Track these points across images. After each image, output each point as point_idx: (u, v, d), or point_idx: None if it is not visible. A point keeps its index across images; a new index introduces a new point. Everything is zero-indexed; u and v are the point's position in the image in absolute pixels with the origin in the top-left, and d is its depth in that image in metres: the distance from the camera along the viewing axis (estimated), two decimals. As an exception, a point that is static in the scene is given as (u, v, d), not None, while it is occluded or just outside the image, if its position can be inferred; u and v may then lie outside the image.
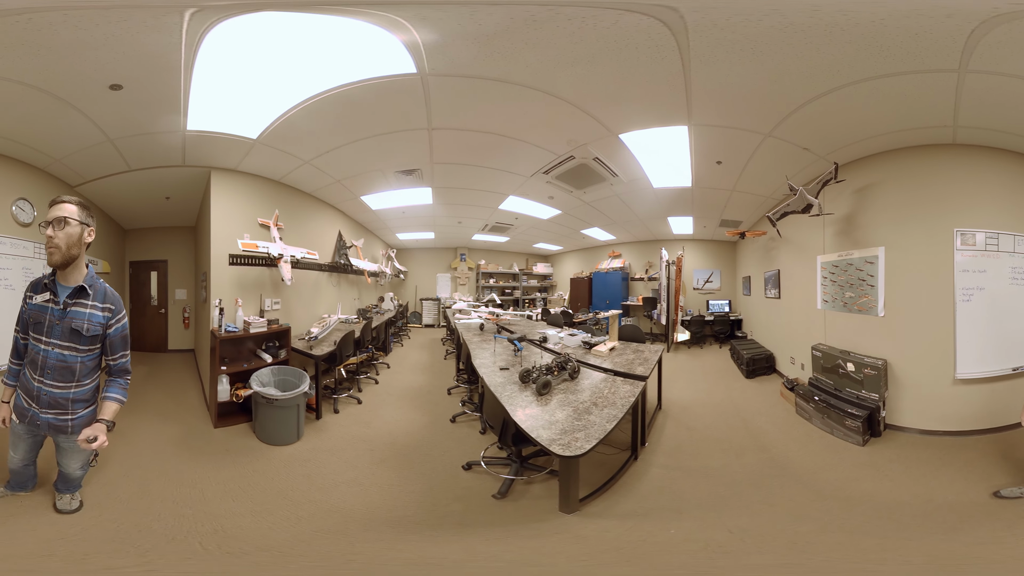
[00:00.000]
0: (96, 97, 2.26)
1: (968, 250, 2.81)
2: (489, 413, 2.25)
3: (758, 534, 1.73)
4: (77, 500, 1.85)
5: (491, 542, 1.72)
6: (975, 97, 2.20)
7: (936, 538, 1.72)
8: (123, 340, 1.67)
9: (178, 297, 5.88)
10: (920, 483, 2.22)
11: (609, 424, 1.84)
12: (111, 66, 1.98)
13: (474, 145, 3.32)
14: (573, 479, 1.86)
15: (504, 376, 2.53)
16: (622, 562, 1.54)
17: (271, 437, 2.74)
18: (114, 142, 2.87)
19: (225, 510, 1.93)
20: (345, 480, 2.30)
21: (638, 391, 2.32)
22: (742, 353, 4.95)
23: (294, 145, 3.24)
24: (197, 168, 3.42)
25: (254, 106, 2.64)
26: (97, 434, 1.54)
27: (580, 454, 1.61)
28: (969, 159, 2.80)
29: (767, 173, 3.55)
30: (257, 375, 3.02)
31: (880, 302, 3.10)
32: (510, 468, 2.22)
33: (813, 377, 3.52)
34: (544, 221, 6.19)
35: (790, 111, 2.51)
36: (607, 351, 3.20)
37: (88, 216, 1.58)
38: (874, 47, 1.83)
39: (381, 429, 3.08)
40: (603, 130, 2.98)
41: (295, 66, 2.23)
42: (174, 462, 2.43)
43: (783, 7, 1.62)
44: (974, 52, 1.79)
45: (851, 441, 2.78)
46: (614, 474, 2.24)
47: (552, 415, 1.95)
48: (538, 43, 1.93)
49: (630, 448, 2.51)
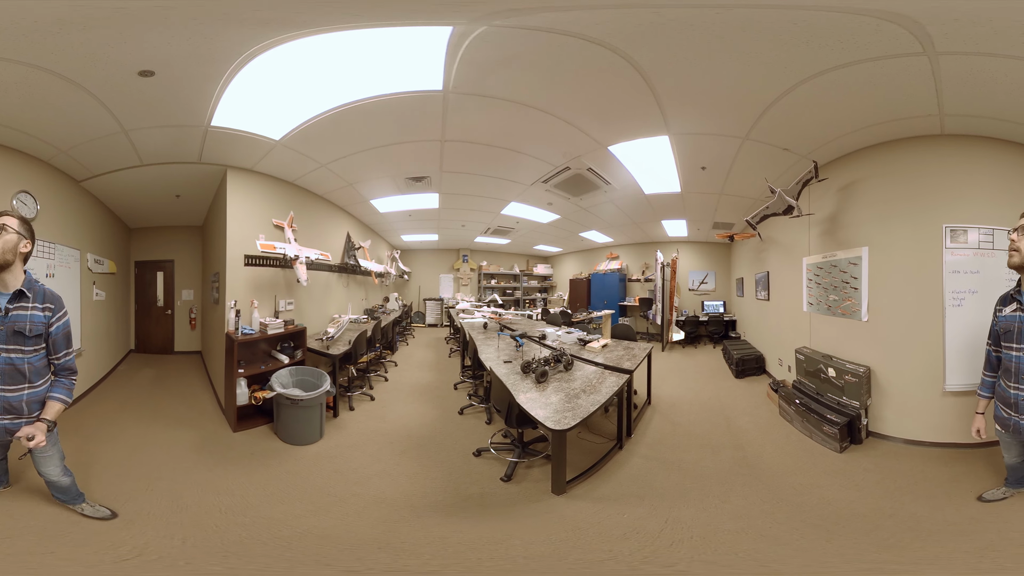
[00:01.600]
0: (121, 83, 2.06)
1: (959, 248, 2.57)
2: (496, 399, 2.49)
3: (687, 527, 1.80)
4: (98, 507, 1.85)
5: (506, 521, 1.92)
6: (958, 82, 2.04)
7: (850, 553, 1.61)
8: (65, 338, 1.69)
9: (185, 298, 5.82)
10: (890, 496, 2.09)
11: (592, 407, 2.10)
12: (149, 51, 1.81)
13: (480, 156, 3.53)
14: (562, 456, 2.09)
15: (508, 368, 2.80)
16: (574, 543, 1.73)
17: (295, 437, 2.77)
18: (128, 133, 2.69)
19: (284, 513, 1.95)
20: (375, 472, 2.40)
21: (622, 382, 2.55)
22: (733, 354, 5.05)
23: (314, 148, 3.29)
24: (212, 166, 3.35)
25: (284, 109, 2.62)
26: (36, 433, 1.54)
27: (567, 428, 1.91)
28: (960, 150, 2.58)
29: (751, 176, 3.64)
30: (277, 376, 3.02)
31: (863, 306, 2.98)
32: (513, 453, 2.46)
33: (797, 380, 3.55)
34: (544, 225, 6.37)
35: (761, 112, 2.53)
36: (600, 347, 3.38)
37: (27, 231, 1.63)
38: (814, 41, 1.81)
39: (396, 423, 3.22)
40: (593, 143, 3.17)
41: (333, 76, 2.28)
42: (200, 470, 2.38)
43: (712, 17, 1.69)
44: (934, 33, 1.69)
45: (828, 447, 2.69)
46: (598, 461, 2.42)
47: (548, 399, 2.24)
48: (536, 65, 2.17)
49: (616, 438, 2.68)
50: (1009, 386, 1.77)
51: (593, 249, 8.87)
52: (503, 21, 1.82)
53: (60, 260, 3.34)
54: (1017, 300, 1.75)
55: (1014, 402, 1.75)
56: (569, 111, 2.71)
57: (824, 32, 1.76)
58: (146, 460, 2.49)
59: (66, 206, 3.47)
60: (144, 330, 5.79)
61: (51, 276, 3.19)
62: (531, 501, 2.08)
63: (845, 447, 2.69)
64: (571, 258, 9.88)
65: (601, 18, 1.80)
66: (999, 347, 1.83)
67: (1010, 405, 1.78)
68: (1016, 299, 1.75)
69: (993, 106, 2.23)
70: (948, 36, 1.72)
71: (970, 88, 2.08)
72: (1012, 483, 2.00)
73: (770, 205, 3.65)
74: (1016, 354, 1.72)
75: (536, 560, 1.63)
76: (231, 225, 3.41)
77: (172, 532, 1.77)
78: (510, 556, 1.66)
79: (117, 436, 2.87)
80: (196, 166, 3.31)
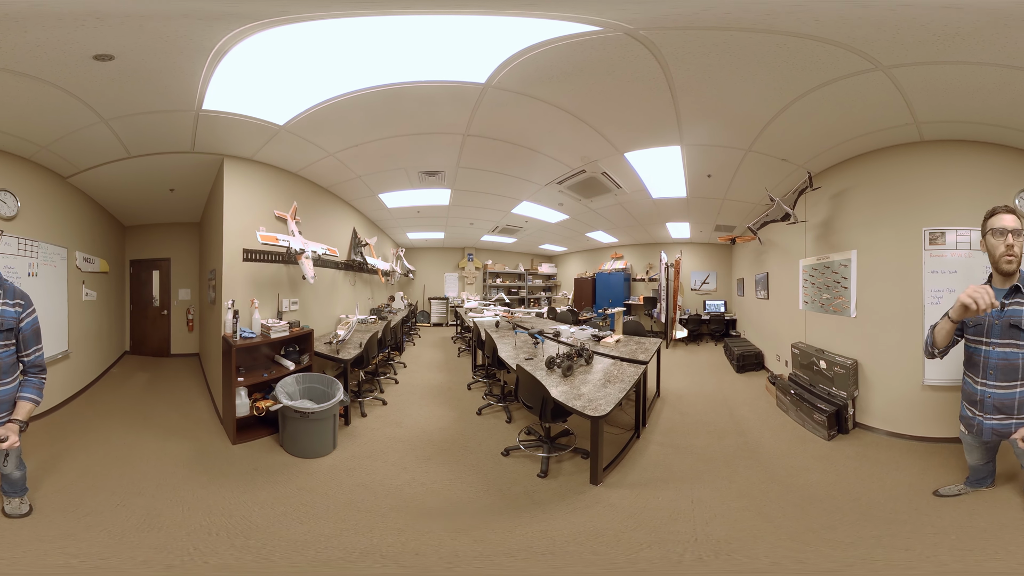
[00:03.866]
0: (79, 71, 1.93)
1: (937, 250, 2.79)
2: (526, 395, 2.57)
3: (708, 505, 2.06)
4: (26, 505, 1.84)
5: (569, 514, 1.99)
6: (920, 91, 2.21)
7: (812, 528, 1.85)
8: (35, 334, 1.72)
9: (182, 298, 5.65)
10: (861, 482, 2.33)
11: (620, 394, 2.34)
12: (97, 36, 1.68)
13: (500, 153, 3.55)
14: (598, 444, 2.25)
15: (531, 365, 2.95)
16: (637, 528, 1.88)
17: (305, 450, 2.60)
18: (109, 123, 2.54)
19: (308, 533, 1.80)
20: (404, 483, 2.31)
21: (640, 372, 2.84)
22: (734, 350, 5.45)
23: (323, 136, 3.08)
24: (208, 155, 3.16)
25: (291, 91, 2.36)
26: (8, 434, 1.56)
27: (604, 414, 2.12)
28: (937, 155, 2.77)
29: (753, 183, 4.01)
30: (282, 385, 2.84)
31: (852, 303, 3.29)
32: (542, 448, 2.60)
33: (792, 373, 3.89)
34: (552, 224, 6.61)
35: (762, 127, 2.84)
36: (613, 342, 3.70)
37: None
38: (796, 64, 2.04)
39: (414, 428, 3.15)
40: (612, 149, 3.40)
41: (358, 59, 2.08)
42: (190, 486, 2.19)
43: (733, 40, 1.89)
44: (874, 49, 1.85)
45: (818, 435, 2.98)
46: (622, 449, 2.70)
47: (578, 390, 2.45)
48: (584, 72, 2.22)
49: (633, 428, 3.00)
50: (976, 381, 1.75)
51: (598, 249, 9.16)
52: (589, 28, 1.82)
53: (44, 259, 3.29)
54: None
55: (980, 399, 1.73)
56: (598, 118, 2.86)
57: (800, 55, 1.99)
58: (128, 472, 2.30)
59: (51, 204, 3.40)
60: (139, 331, 5.67)
61: (34, 275, 3.11)
62: (576, 493, 2.19)
63: (833, 435, 2.95)
64: (575, 257, 10.15)
65: (671, 39, 1.89)
66: (961, 333, 1.82)
67: (975, 403, 1.76)
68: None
69: (957, 110, 2.39)
70: (887, 51, 1.88)
71: (932, 96, 2.25)
72: (972, 483, 2.07)
73: (770, 212, 4.03)
74: (986, 348, 1.70)
75: (624, 546, 1.72)
76: (228, 216, 3.18)
77: (130, 554, 1.59)
78: (601, 549, 1.70)
79: (98, 444, 2.72)
80: (190, 156, 3.13)
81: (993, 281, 1.75)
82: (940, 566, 1.60)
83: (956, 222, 2.75)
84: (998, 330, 1.68)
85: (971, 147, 2.71)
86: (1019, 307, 1.64)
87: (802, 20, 1.72)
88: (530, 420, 3.17)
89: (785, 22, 1.74)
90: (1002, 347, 1.67)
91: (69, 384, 3.68)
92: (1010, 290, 1.68)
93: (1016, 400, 1.67)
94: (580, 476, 2.37)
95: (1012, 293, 1.67)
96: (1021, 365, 1.65)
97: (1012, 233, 1.65)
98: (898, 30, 1.74)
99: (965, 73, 2.00)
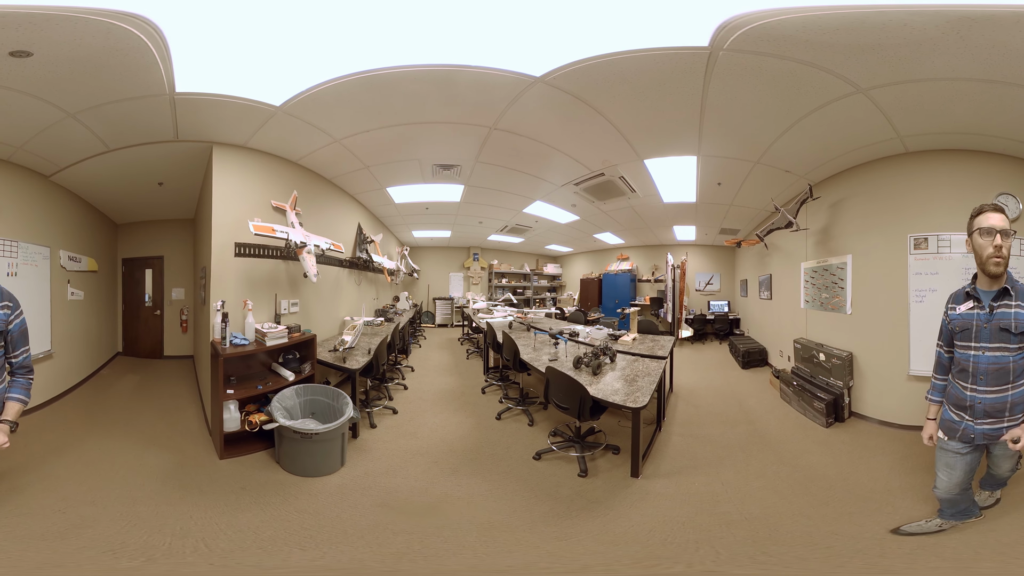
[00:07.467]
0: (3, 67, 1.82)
1: (920, 254, 3.18)
2: (559, 397, 2.62)
3: (736, 487, 2.35)
4: None
5: (630, 508, 2.09)
6: (896, 108, 2.49)
7: (813, 503, 2.16)
8: (23, 335, 1.75)
9: (175, 297, 5.62)
10: (850, 465, 2.63)
11: (651, 387, 2.57)
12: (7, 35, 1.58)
13: (522, 150, 3.56)
14: (639, 436, 2.41)
15: (556, 366, 2.99)
16: (697, 512, 2.06)
17: (306, 469, 2.39)
18: (77, 116, 2.45)
19: (317, 562, 1.64)
20: (436, 499, 2.18)
21: (662, 367, 3.19)
22: (739, 347, 5.98)
23: (328, 119, 2.83)
24: (195, 144, 3.01)
25: (291, 66, 2.14)
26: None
27: (643, 405, 2.33)
28: (921, 165, 3.16)
29: (758, 191, 4.52)
30: (279, 399, 2.61)
31: (848, 302, 3.81)
32: (575, 448, 2.69)
33: (795, 366, 4.40)
34: (561, 225, 6.98)
35: (770, 143, 3.26)
36: (631, 341, 4.12)
37: None
38: (791, 91, 2.34)
39: (431, 438, 3.04)
40: (633, 155, 3.67)
41: (380, 33, 1.88)
42: (158, 502, 2.01)
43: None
44: (850, 75, 2.10)
45: (817, 422, 3.41)
46: (649, 442, 2.97)
47: (612, 386, 2.66)
48: (628, 80, 2.31)
49: (655, 422, 3.40)
50: (964, 387, 1.73)
51: (604, 250, 9.58)
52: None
53: (25, 258, 3.34)
54: (974, 297, 1.73)
55: (969, 404, 1.72)
56: (629, 125, 3.03)
57: (801, 79, 2.28)
58: (90, 480, 2.17)
59: (33, 203, 3.45)
60: (132, 332, 5.66)
61: (13, 275, 3.16)
62: (623, 487, 2.30)
63: (831, 423, 3.39)
64: (581, 258, 10.53)
65: (730, 59, 2.02)
66: (951, 348, 1.82)
67: (964, 408, 1.74)
68: (972, 296, 1.73)
69: (931, 123, 2.69)
70: (863, 76, 2.08)
71: (907, 112, 2.55)
72: (953, 515, 1.91)
73: (775, 221, 4.54)
74: (974, 353, 1.70)
75: (701, 530, 1.86)
76: (217, 206, 2.98)
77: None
78: (680, 538, 1.80)
79: (71, 449, 2.63)
80: (175, 145, 3.00)
81: (978, 282, 1.75)
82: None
83: (938, 227, 3.15)
84: (987, 334, 1.68)
85: (951, 155, 3.08)
86: (1007, 310, 1.65)
87: (810, 45, 1.93)
88: (553, 422, 3.34)
89: (794, 49, 2.01)
90: (992, 351, 1.67)
91: (51, 385, 3.68)
92: (998, 293, 1.68)
93: (1008, 403, 1.66)
94: (617, 471, 2.49)
95: (1000, 296, 1.67)
96: (1012, 368, 1.64)
97: (1001, 234, 1.62)
98: (863, 53, 1.99)
99: (932, 88, 2.30)
